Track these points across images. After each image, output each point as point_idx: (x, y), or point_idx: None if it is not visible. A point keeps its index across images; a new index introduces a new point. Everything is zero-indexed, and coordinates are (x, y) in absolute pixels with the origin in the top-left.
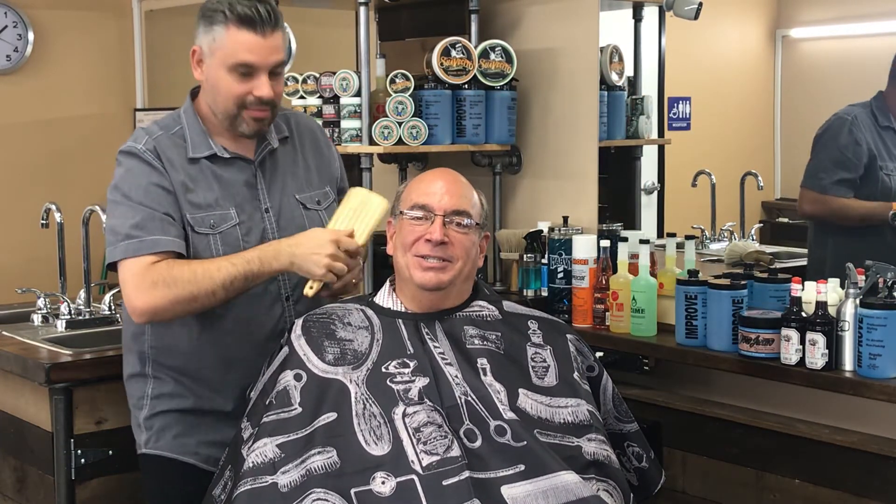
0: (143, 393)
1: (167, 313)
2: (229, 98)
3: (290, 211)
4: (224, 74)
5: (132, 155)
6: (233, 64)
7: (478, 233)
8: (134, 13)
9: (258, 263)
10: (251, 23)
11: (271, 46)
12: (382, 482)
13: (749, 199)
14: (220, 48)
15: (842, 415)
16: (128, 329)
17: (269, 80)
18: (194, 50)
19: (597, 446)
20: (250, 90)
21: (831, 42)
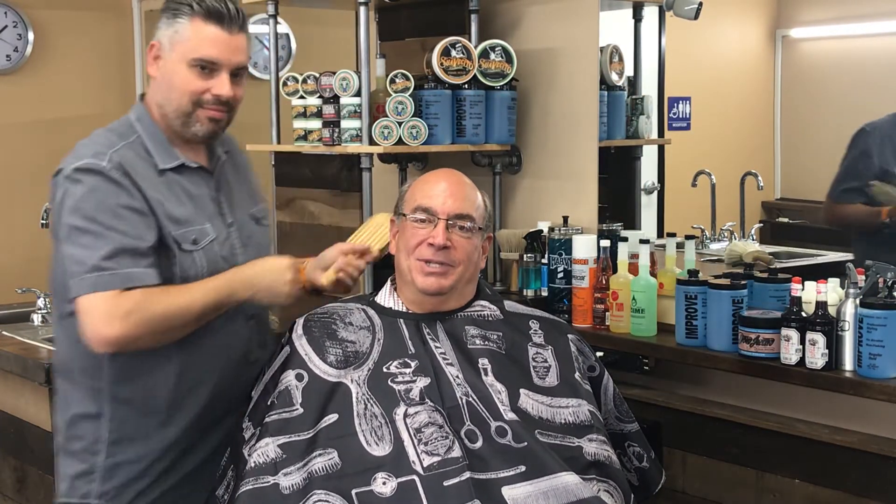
0: (96, 437)
1: (135, 344)
2: (185, 94)
3: (248, 226)
4: (183, 69)
5: (95, 173)
6: (194, 58)
7: (480, 235)
8: (134, 13)
9: (227, 293)
10: (219, 17)
11: (236, 45)
12: (383, 483)
13: (749, 199)
14: (182, 41)
15: (842, 415)
16: (73, 362)
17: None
18: (153, 45)
19: (597, 447)
20: (209, 87)
21: (831, 42)
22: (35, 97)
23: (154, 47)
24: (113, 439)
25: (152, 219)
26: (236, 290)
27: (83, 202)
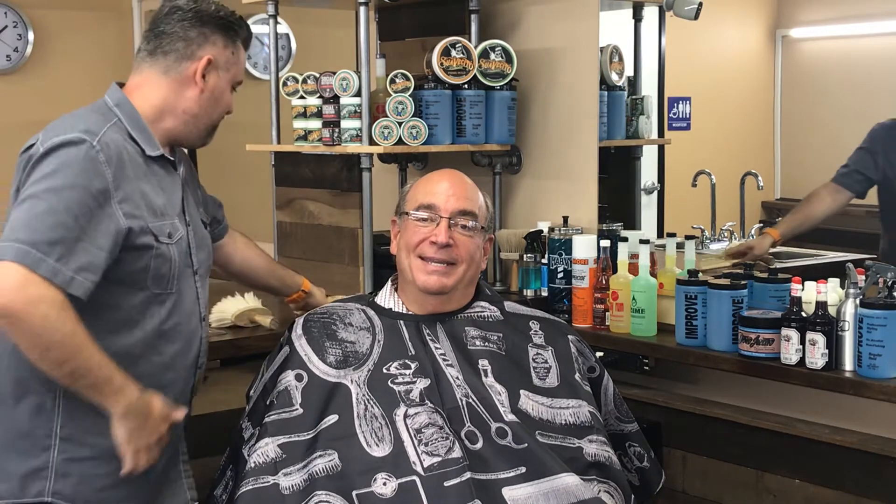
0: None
1: (18, 331)
2: (223, 112)
3: (200, 228)
4: (228, 90)
5: (79, 144)
6: (238, 81)
7: (482, 235)
8: (134, 13)
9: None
10: (250, 43)
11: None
12: (384, 483)
13: (749, 199)
14: (235, 64)
15: (842, 415)
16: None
17: None
18: (209, 59)
19: (598, 447)
20: (231, 103)
21: (831, 42)
22: (35, 97)
23: (209, 63)
24: (65, 435)
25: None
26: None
27: (56, 172)
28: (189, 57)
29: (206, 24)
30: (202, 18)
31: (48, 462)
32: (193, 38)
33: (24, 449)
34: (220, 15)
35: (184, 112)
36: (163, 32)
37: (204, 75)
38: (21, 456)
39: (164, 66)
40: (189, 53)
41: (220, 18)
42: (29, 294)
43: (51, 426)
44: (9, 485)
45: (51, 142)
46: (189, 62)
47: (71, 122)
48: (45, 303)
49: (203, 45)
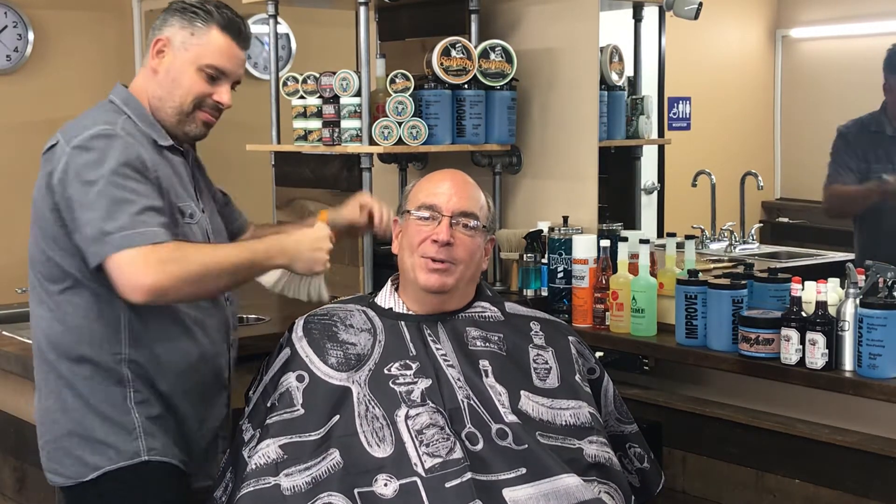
0: (124, 396)
1: (174, 293)
2: (189, 94)
3: (215, 218)
4: (191, 71)
5: (107, 137)
6: (206, 64)
7: (483, 236)
8: (134, 13)
9: (263, 256)
10: (236, 31)
11: (243, 60)
12: (385, 484)
13: (749, 199)
14: (198, 45)
15: (842, 415)
16: (83, 337)
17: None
18: (160, 39)
19: (598, 448)
20: (211, 93)
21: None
22: (35, 97)
23: (160, 42)
24: (139, 399)
25: (157, 187)
26: (273, 255)
27: (98, 164)
28: (152, 41)
29: (169, 9)
30: (170, 5)
31: (134, 424)
32: (158, 24)
33: (109, 416)
34: (180, 1)
35: (152, 97)
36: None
37: (160, 56)
38: (107, 423)
39: (145, 55)
40: (152, 38)
41: (183, 3)
42: (152, 268)
43: (126, 392)
44: (104, 455)
45: (80, 138)
46: (151, 46)
47: (88, 119)
48: (166, 263)
49: (162, 27)
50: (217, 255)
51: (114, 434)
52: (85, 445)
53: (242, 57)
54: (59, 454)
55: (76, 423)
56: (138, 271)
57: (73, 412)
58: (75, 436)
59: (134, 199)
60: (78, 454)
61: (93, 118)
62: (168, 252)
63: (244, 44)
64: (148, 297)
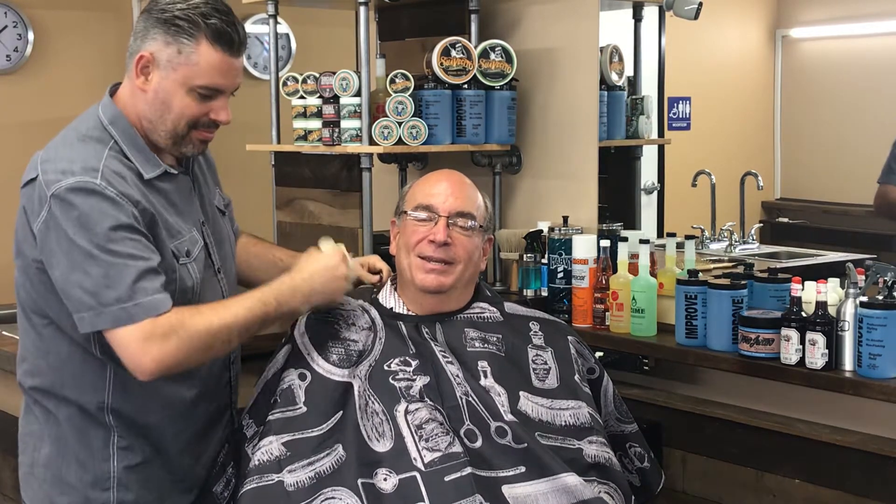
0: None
1: (178, 367)
2: (181, 118)
3: (217, 221)
4: (182, 93)
5: (90, 192)
6: (198, 85)
7: (481, 236)
8: (134, 13)
9: (275, 305)
10: (228, 42)
11: (239, 69)
12: (384, 479)
13: (749, 199)
14: (186, 65)
15: (842, 415)
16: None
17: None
18: (142, 56)
19: (598, 449)
20: (207, 111)
21: (831, 42)
22: (35, 97)
23: (143, 59)
24: (123, 445)
25: (149, 237)
26: (286, 300)
27: (85, 227)
28: (134, 52)
29: (150, 17)
30: (150, 11)
31: (109, 474)
32: (138, 34)
33: (85, 462)
34: (166, 7)
35: (143, 118)
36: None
37: (145, 74)
38: (81, 469)
39: (126, 64)
40: (135, 49)
41: (165, 12)
42: (155, 345)
43: (108, 437)
44: (73, 497)
45: (60, 186)
46: (133, 59)
47: (66, 154)
48: (170, 336)
49: (144, 41)
50: (224, 317)
51: (87, 482)
52: (56, 485)
53: (239, 66)
54: (31, 480)
55: (51, 460)
56: (140, 350)
57: (51, 448)
58: (49, 471)
59: (128, 265)
60: (47, 490)
61: (74, 152)
62: (170, 325)
63: (239, 52)
64: (153, 376)
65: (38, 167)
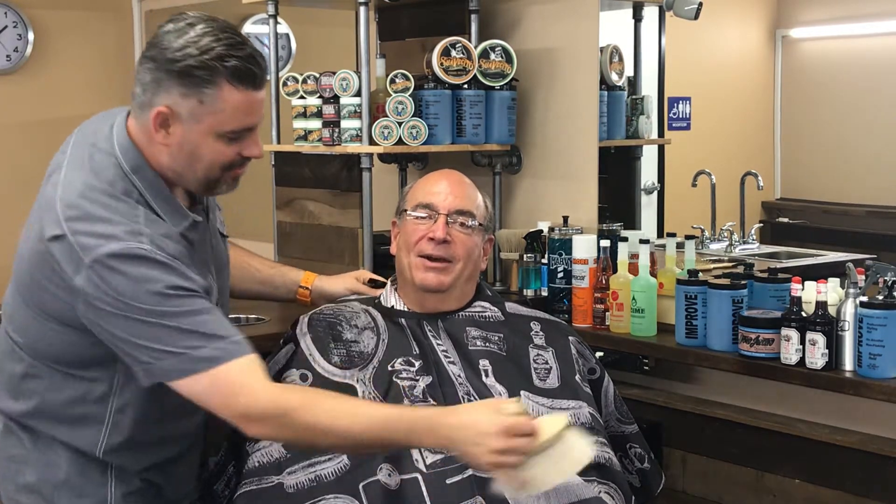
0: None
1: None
2: (214, 166)
3: (219, 246)
4: (210, 141)
5: (140, 259)
6: (228, 131)
7: (481, 234)
8: (134, 13)
9: (404, 434)
10: (251, 79)
11: (263, 100)
12: (388, 475)
13: (749, 199)
14: (212, 113)
15: (842, 415)
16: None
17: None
18: (160, 112)
19: (598, 449)
20: (239, 151)
21: (831, 42)
22: (35, 97)
23: (161, 115)
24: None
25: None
26: (418, 432)
27: (140, 295)
28: (147, 105)
29: (160, 68)
30: (156, 61)
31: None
32: (148, 84)
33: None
34: (178, 57)
35: (165, 168)
36: (136, 69)
37: (165, 128)
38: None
39: (134, 111)
40: (147, 101)
41: (178, 62)
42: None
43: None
44: None
45: (100, 252)
46: (147, 111)
47: (98, 213)
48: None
49: (157, 92)
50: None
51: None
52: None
53: (263, 97)
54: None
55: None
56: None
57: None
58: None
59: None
60: None
61: (108, 212)
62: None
63: (262, 84)
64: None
65: (62, 224)
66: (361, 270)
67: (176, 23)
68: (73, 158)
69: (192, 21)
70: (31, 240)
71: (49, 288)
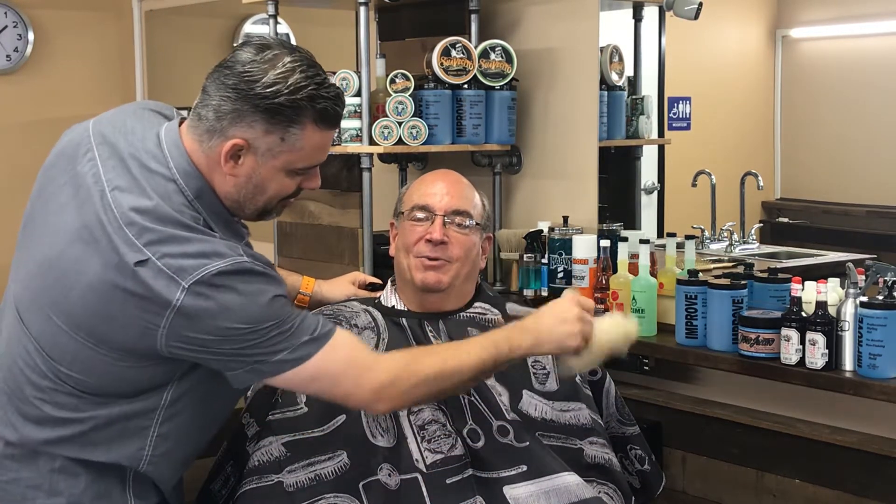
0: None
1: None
2: (276, 198)
3: None
4: (281, 177)
5: (247, 273)
6: (300, 168)
7: (479, 234)
8: (134, 13)
9: (507, 346)
10: (334, 122)
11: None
12: (388, 474)
13: (749, 199)
14: (290, 151)
15: (842, 415)
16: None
17: None
18: (236, 144)
19: (598, 450)
20: (300, 183)
21: (831, 42)
22: (35, 97)
23: (236, 146)
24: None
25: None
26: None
27: (250, 305)
28: (220, 133)
29: (246, 100)
30: (241, 92)
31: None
32: (226, 113)
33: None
34: (268, 93)
35: (224, 196)
36: (205, 90)
37: (237, 158)
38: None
39: (198, 133)
40: (220, 129)
41: (267, 99)
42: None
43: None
44: None
45: (202, 273)
46: (219, 139)
47: (183, 235)
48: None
49: (236, 123)
50: (458, 362)
51: None
52: None
53: (334, 135)
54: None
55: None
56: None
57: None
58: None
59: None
60: None
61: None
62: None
63: (339, 122)
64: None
65: (141, 249)
66: (357, 272)
67: (259, 51)
68: (116, 174)
69: (277, 51)
70: (86, 268)
71: (118, 315)
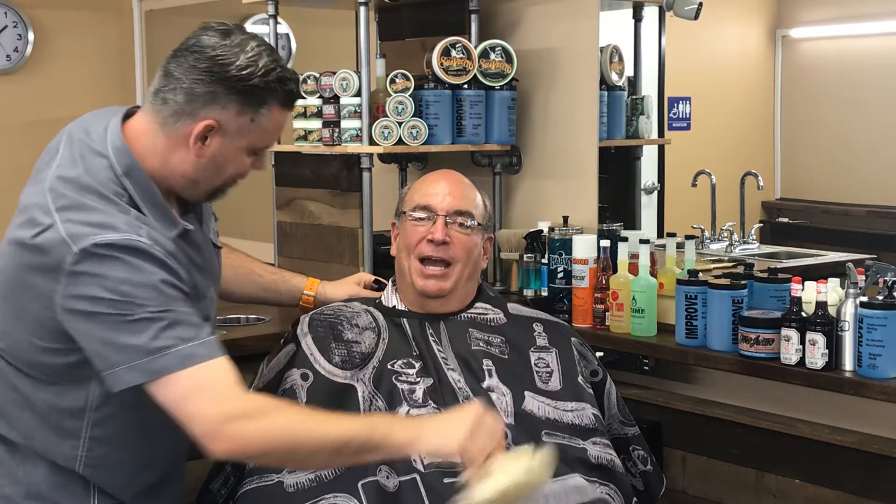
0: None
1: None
2: (231, 178)
3: (212, 258)
4: (242, 156)
5: (138, 251)
6: (261, 147)
7: (480, 234)
8: (134, 13)
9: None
10: (293, 101)
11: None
12: (387, 476)
13: (749, 199)
14: (256, 132)
15: (842, 415)
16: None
17: None
18: (209, 125)
19: (601, 450)
20: (253, 164)
21: (831, 42)
22: (35, 97)
23: (207, 126)
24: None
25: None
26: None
27: (128, 283)
28: (189, 115)
29: (220, 82)
30: (216, 75)
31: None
32: (198, 95)
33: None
34: (244, 75)
35: (181, 175)
36: (170, 74)
37: (204, 139)
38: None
39: (162, 116)
40: (190, 111)
41: (242, 80)
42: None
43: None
44: None
45: (94, 240)
46: (187, 121)
47: (96, 217)
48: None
49: (209, 105)
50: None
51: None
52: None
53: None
54: None
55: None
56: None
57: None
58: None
59: (171, 314)
60: None
61: (105, 216)
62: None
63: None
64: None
65: (52, 213)
66: (362, 273)
67: (226, 36)
68: (64, 157)
69: (243, 36)
70: (13, 233)
71: (29, 283)
